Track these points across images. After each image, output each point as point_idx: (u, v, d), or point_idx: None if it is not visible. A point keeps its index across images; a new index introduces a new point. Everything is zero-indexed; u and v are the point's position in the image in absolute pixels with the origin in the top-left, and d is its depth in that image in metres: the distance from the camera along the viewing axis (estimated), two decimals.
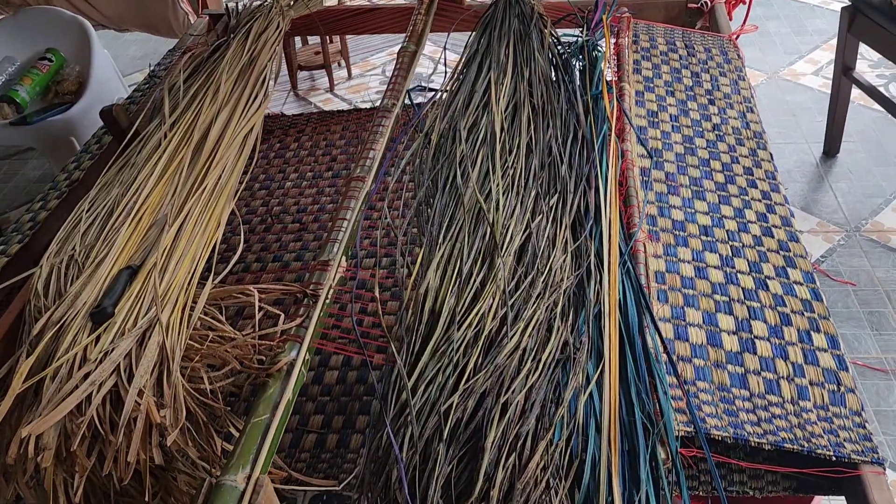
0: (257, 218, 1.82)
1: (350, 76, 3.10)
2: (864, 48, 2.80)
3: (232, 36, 1.69)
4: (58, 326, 0.96)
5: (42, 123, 2.23)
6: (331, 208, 1.81)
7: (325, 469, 1.16)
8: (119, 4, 2.76)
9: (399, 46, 1.64)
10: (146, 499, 0.84)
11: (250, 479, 0.75)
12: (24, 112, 2.29)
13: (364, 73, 3.12)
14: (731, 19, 2.18)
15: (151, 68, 2.12)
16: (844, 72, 2.14)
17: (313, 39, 3.15)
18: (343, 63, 3.08)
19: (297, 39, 3.10)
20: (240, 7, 1.86)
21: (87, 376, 0.87)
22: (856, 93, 2.61)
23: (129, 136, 1.44)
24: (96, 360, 0.89)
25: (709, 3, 2.16)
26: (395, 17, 2.24)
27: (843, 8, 2.12)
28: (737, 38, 2.04)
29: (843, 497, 0.97)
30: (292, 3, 1.91)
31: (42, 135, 2.23)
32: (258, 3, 1.80)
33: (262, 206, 1.88)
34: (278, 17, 1.80)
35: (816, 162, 2.30)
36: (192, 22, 2.68)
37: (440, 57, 1.57)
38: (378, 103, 1.50)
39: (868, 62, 2.86)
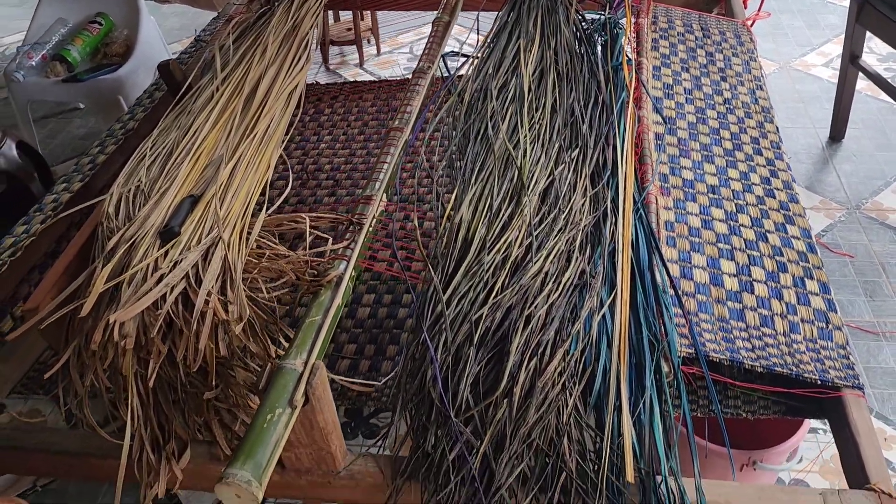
0: (293, 174, 1.92)
1: (379, 52, 3.19)
2: (875, 44, 2.88)
3: (276, 3, 1.79)
4: (129, 243, 1.07)
5: (92, 81, 2.34)
6: (363, 167, 1.91)
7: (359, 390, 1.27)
8: None
9: (426, 26, 1.73)
10: (210, 387, 0.94)
11: (307, 364, 0.85)
12: (75, 71, 2.40)
13: (392, 50, 3.21)
14: (745, 7, 2.26)
15: (197, 33, 2.22)
16: (851, 60, 2.22)
17: (345, 16, 3.24)
18: (372, 40, 3.17)
19: (330, 15, 3.20)
20: None
21: (160, 281, 0.97)
22: (863, 84, 2.68)
23: (183, 88, 1.54)
24: (167, 269, 0.99)
25: None
26: None
27: None
28: (752, 25, 2.12)
29: (826, 421, 1.07)
30: None
31: (91, 92, 2.34)
32: None
33: (298, 164, 1.97)
34: None
35: (822, 146, 2.39)
36: None
37: (472, 26, 1.66)
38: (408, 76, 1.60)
39: (877, 56, 2.92)
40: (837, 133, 2.38)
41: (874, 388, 1.56)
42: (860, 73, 2.37)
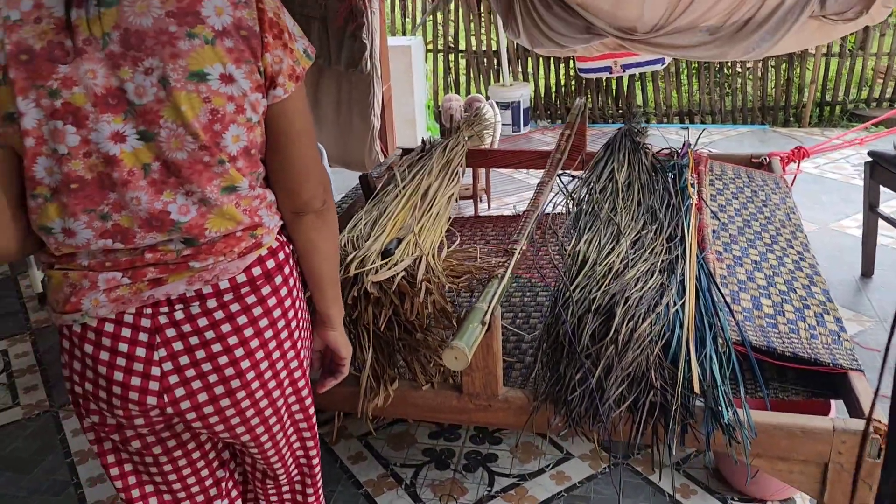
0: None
1: (489, 207, 3.79)
2: None
3: (433, 149, 2.40)
4: (360, 259, 1.56)
5: None
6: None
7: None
8: (331, 147, 3.59)
9: (527, 190, 2.27)
10: (419, 330, 1.38)
11: (490, 306, 1.29)
12: None
13: (500, 207, 3.81)
14: (784, 171, 2.75)
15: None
16: (871, 208, 2.64)
17: (465, 178, 3.90)
18: (484, 197, 3.78)
19: None
20: (428, 142, 2.57)
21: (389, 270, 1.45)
22: (889, 240, 3.07)
23: (375, 192, 2.09)
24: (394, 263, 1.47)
25: (767, 159, 2.75)
26: (534, 159, 2.93)
27: (865, 162, 2.67)
28: (792, 184, 2.59)
29: (842, 400, 1.40)
30: (468, 137, 2.64)
31: None
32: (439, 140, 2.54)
33: None
34: (463, 140, 2.51)
35: (856, 280, 2.74)
36: (381, 160, 3.46)
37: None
38: None
39: None
40: (867, 270, 2.75)
41: None
42: (887, 229, 2.79)
